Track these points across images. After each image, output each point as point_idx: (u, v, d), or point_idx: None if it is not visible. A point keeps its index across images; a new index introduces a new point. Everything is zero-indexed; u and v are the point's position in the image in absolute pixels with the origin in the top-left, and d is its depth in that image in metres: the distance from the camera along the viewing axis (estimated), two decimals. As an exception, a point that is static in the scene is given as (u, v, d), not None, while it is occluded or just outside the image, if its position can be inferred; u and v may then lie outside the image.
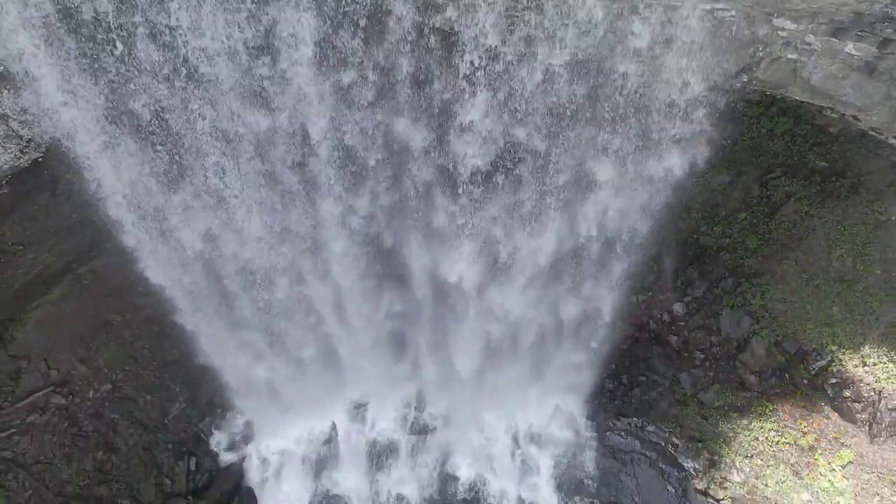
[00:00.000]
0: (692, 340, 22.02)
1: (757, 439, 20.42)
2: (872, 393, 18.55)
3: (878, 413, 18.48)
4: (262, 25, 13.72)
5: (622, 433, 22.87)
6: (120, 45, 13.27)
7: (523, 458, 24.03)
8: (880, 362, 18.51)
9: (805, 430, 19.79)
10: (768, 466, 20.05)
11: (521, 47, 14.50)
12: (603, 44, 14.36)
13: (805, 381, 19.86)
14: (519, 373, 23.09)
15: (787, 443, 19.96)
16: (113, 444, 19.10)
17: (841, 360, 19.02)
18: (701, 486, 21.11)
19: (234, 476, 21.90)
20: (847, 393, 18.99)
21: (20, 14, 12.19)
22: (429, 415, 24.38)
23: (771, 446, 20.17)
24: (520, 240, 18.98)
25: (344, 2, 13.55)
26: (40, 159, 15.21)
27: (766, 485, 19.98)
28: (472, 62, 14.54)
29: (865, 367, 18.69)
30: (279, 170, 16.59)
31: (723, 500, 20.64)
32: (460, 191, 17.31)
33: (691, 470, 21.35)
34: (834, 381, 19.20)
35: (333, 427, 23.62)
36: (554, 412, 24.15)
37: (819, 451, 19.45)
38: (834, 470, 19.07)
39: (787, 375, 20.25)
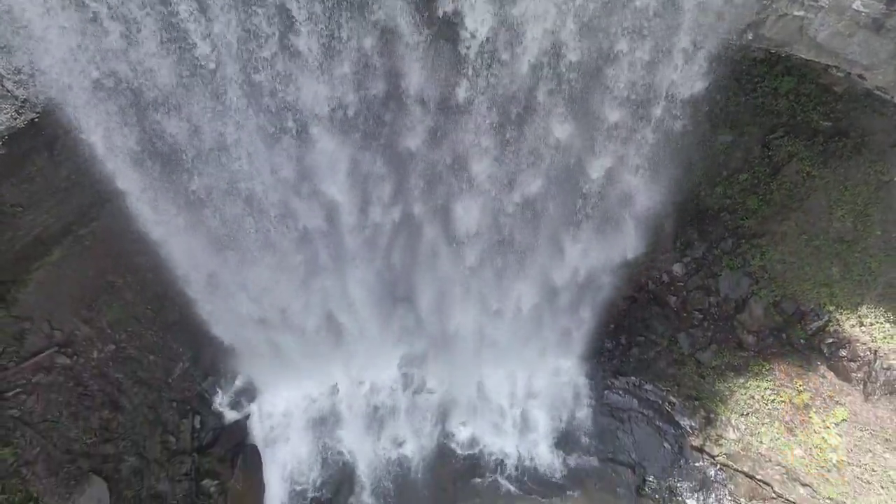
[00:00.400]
0: (691, 301, 22.16)
1: (753, 398, 20.72)
2: (868, 352, 18.76)
3: (873, 372, 18.72)
4: (306, 160, 16.97)
5: (620, 392, 23.18)
6: (196, 179, 16.46)
7: (522, 417, 24.39)
8: (877, 322, 18.67)
9: (800, 388, 20.06)
10: (763, 424, 20.39)
11: (505, 180, 18.13)
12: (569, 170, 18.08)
13: (802, 340, 20.06)
14: (518, 333, 23.26)
15: (782, 401, 20.26)
16: (118, 402, 19.33)
17: (838, 321, 19.19)
18: (697, 443, 21.50)
19: (238, 434, 22.23)
20: (843, 352, 19.20)
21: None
22: (428, 375, 24.67)
23: (766, 404, 20.48)
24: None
25: (369, 140, 17.05)
26: (36, 119, 15.03)
27: (761, 441, 20.35)
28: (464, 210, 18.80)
29: (862, 327, 18.86)
30: (316, 254, 20.14)
31: (718, 456, 21.04)
32: (459, 268, 20.80)
33: (688, 427, 21.70)
34: (830, 340, 19.39)
35: (335, 387, 23.92)
36: (553, 371, 24.42)
37: (813, 409, 19.76)
38: (828, 427, 19.40)
39: (784, 335, 20.44)
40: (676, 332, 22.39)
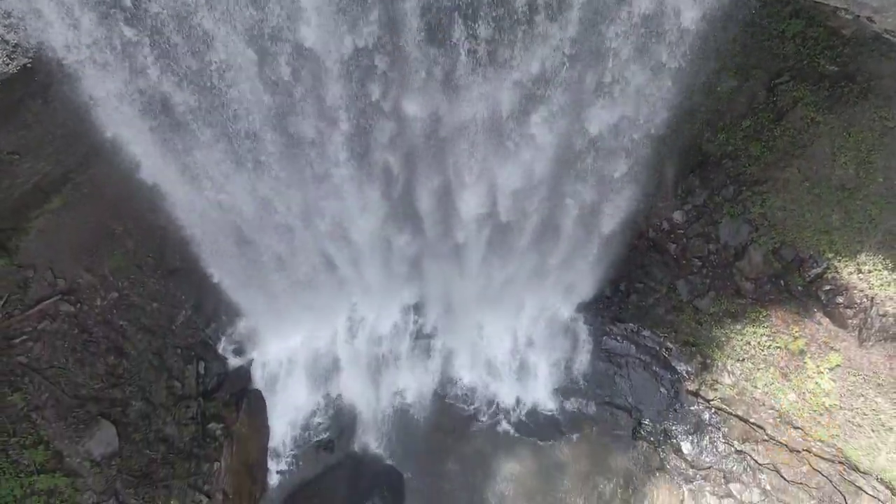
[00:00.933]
0: (690, 248, 22.19)
1: (749, 344, 20.98)
2: (865, 299, 18.90)
3: (869, 318, 18.90)
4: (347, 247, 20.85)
5: (618, 338, 23.48)
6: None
7: (521, 362, 24.79)
8: (875, 269, 18.74)
9: (796, 335, 20.30)
10: (758, 369, 20.71)
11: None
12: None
13: (799, 287, 20.18)
14: (519, 278, 23.40)
15: (777, 347, 20.53)
16: (123, 349, 19.63)
17: (836, 268, 19.25)
18: (692, 387, 21.89)
19: (242, 379, 22.64)
20: (840, 299, 19.34)
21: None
22: (429, 321, 24.96)
23: (762, 350, 20.76)
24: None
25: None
26: (29, 65, 14.75)
27: (755, 387, 20.71)
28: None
29: (860, 275, 18.94)
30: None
31: (713, 400, 21.45)
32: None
33: (684, 373, 22.06)
34: (828, 287, 19.51)
35: (336, 333, 24.24)
36: (552, 318, 24.69)
37: (808, 355, 20.03)
38: (821, 372, 19.71)
39: (782, 282, 20.55)
40: (675, 279, 22.51)
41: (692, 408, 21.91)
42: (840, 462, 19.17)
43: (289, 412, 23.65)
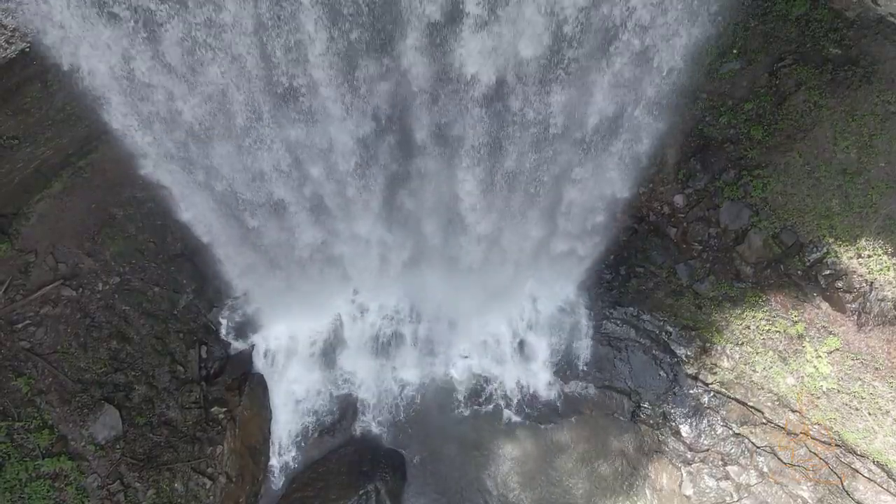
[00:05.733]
0: (691, 232, 22.22)
1: (748, 328, 21.08)
2: (864, 284, 18.97)
3: (868, 303, 19.00)
4: None
5: (618, 322, 23.52)
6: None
7: (522, 346, 24.86)
8: (875, 254, 18.79)
9: (795, 319, 20.40)
10: (757, 353, 20.83)
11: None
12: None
13: (799, 272, 20.24)
14: (519, 263, 23.44)
15: (776, 331, 20.63)
16: (126, 334, 19.70)
17: (836, 252, 19.31)
18: (692, 371, 22.00)
19: (244, 363, 22.70)
20: (839, 284, 19.42)
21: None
22: (431, 306, 25.00)
23: (761, 334, 20.86)
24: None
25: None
26: (27, 49, 14.67)
27: (754, 370, 20.85)
28: None
29: (860, 259, 19.01)
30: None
31: (711, 384, 21.59)
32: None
33: (683, 356, 22.15)
34: (827, 272, 19.57)
35: (337, 318, 24.30)
36: (552, 302, 24.73)
37: (807, 339, 20.15)
38: (820, 356, 19.83)
39: (781, 267, 20.61)
40: (675, 263, 22.53)
41: (691, 391, 22.05)
42: (837, 445, 19.35)
43: (290, 396, 23.74)
